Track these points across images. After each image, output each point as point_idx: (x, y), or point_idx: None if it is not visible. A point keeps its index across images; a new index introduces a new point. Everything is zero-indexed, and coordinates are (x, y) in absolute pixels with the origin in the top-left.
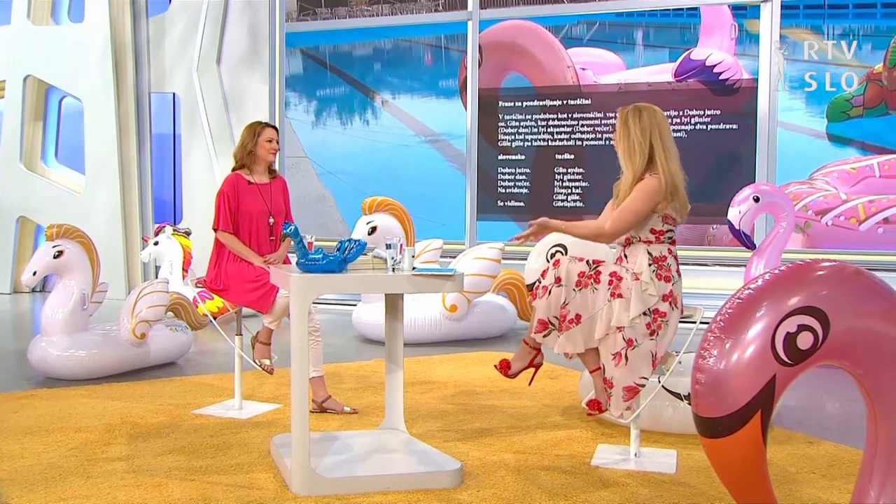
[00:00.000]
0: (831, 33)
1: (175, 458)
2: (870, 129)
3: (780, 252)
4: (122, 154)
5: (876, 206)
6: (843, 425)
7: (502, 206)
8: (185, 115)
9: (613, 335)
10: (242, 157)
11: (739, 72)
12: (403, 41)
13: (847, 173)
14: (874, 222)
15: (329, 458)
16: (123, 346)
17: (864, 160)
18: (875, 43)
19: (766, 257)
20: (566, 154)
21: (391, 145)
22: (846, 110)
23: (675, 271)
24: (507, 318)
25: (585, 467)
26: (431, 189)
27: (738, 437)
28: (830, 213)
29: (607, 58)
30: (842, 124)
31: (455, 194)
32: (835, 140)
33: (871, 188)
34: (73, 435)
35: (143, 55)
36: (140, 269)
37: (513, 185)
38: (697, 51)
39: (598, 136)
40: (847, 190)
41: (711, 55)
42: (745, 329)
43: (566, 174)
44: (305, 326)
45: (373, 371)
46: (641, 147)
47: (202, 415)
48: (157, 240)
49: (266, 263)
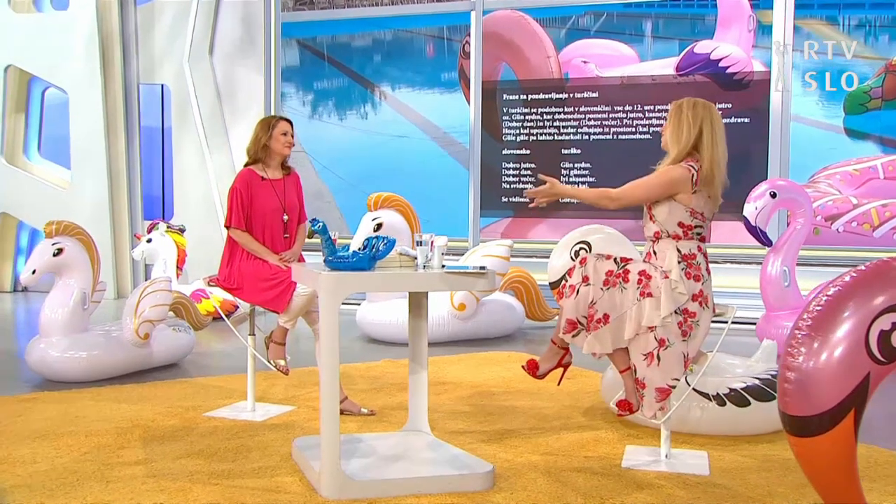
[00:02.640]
0: (847, 24)
1: (194, 461)
2: (889, 121)
3: (797, 249)
4: (110, 148)
5: (890, 211)
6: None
7: (506, 201)
8: (176, 107)
9: (644, 335)
10: (256, 151)
11: (749, 65)
12: (404, 32)
13: (850, 175)
14: (889, 228)
15: (356, 461)
16: (126, 346)
17: (866, 161)
18: (892, 34)
19: (784, 255)
20: (573, 149)
21: (391, 139)
22: (864, 102)
23: (705, 269)
24: (516, 318)
25: (616, 469)
26: (433, 184)
27: (830, 437)
28: (841, 219)
29: (621, 49)
30: (860, 117)
31: (457, 190)
32: (852, 134)
33: (878, 191)
34: (84, 439)
35: (132, 45)
36: (129, 267)
37: (517, 180)
38: (702, 44)
39: (605, 131)
40: (852, 192)
41: (718, 48)
42: (834, 327)
43: (572, 169)
44: (336, 325)
45: (384, 372)
46: (689, 130)
47: (215, 417)
48: (150, 237)
49: (281, 261)
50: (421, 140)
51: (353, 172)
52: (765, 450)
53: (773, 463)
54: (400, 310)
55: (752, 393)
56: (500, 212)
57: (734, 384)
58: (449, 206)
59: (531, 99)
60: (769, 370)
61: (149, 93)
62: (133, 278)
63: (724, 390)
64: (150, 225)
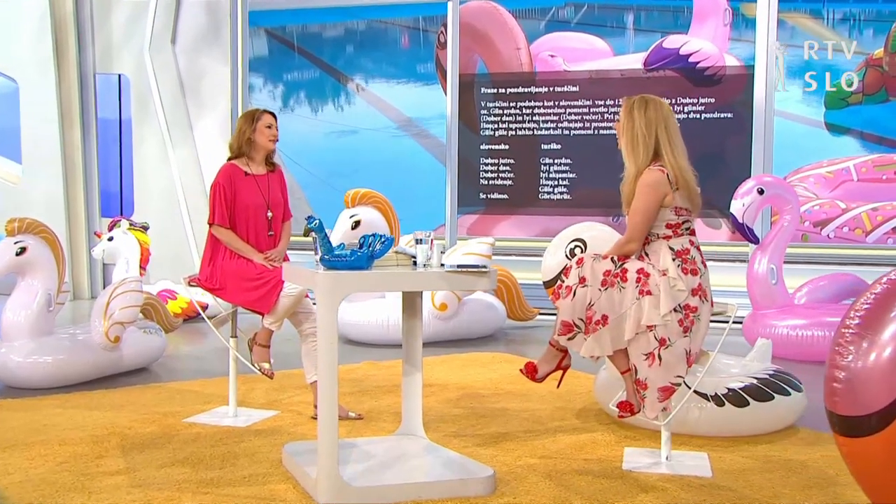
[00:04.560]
0: (831, 18)
1: (180, 470)
2: (869, 116)
3: (784, 247)
4: (65, 141)
5: (882, 215)
6: None
7: (485, 198)
8: (136, 98)
9: (645, 335)
10: (240, 145)
11: (722, 60)
12: (378, 22)
13: (823, 177)
14: (883, 232)
15: (352, 467)
16: (94, 350)
17: (838, 162)
18: (876, 28)
19: (770, 252)
20: (553, 144)
21: (365, 133)
22: (845, 97)
23: (701, 262)
24: (497, 317)
25: (618, 471)
26: (409, 180)
27: (881, 437)
28: (831, 225)
29: (594, 43)
30: (840, 112)
31: (434, 186)
32: (833, 129)
33: (853, 193)
34: (58, 448)
35: (87, 31)
36: (87, 267)
37: (496, 176)
38: (672, 38)
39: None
40: (827, 196)
41: (688, 43)
42: (883, 327)
43: (553, 165)
44: (335, 326)
45: (366, 374)
46: (646, 140)
47: (196, 423)
48: (112, 235)
49: (267, 260)
50: (396, 134)
51: (324, 167)
52: (765, 450)
53: (775, 464)
54: (378, 310)
55: (751, 393)
56: (478, 208)
57: (732, 384)
58: (424, 202)
59: (509, 93)
60: (766, 369)
61: (105, 83)
62: (90, 279)
63: (722, 390)
64: (112, 222)
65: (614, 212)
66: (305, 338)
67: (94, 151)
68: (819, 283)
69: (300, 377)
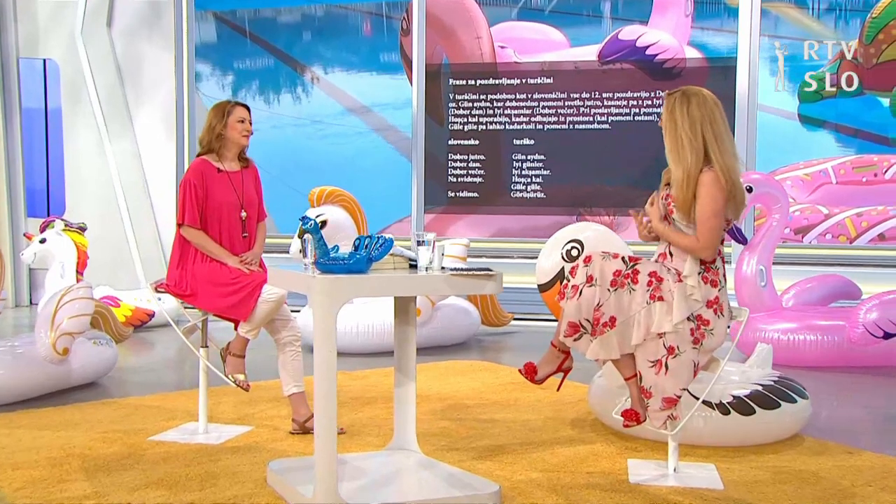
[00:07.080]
0: (816, 8)
1: (156, 492)
2: (844, 109)
3: (773, 247)
4: None
5: (866, 221)
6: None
7: (453, 196)
8: (67, 86)
9: (654, 341)
10: (210, 140)
11: (682, 52)
12: (337, 8)
13: (801, 180)
14: (868, 239)
15: (346, 484)
16: (39, 364)
17: (816, 164)
18: (862, 18)
19: (759, 253)
20: (525, 139)
21: (324, 126)
22: (819, 90)
23: (722, 275)
24: (471, 323)
25: (625, 485)
26: (372, 178)
27: None
28: (813, 231)
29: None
30: (814, 105)
31: (399, 184)
32: (807, 122)
33: (831, 196)
34: (12, 473)
35: (9, 11)
36: (11, 272)
37: (465, 173)
38: (628, 30)
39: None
40: (805, 199)
41: (645, 35)
42: None
43: (525, 161)
44: (333, 334)
45: (341, 386)
46: (692, 143)
47: (164, 441)
48: (45, 237)
49: (242, 264)
50: (357, 127)
51: (280, 165)
52: (773, 461)
53: (787, 475)
54: (351, 316)
55: (756, 400)
56: (446, 206)
57: (736, 391)
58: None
59: (479, 84)
60: (768, 376)
61: (29, 68)
62: (15, 286)
63: (726, 398)
64: (45, 223)
65: (590, 210)
66: (283, 347)
67: (18, 144)
68: (807, 285)
69: (270, 388)
